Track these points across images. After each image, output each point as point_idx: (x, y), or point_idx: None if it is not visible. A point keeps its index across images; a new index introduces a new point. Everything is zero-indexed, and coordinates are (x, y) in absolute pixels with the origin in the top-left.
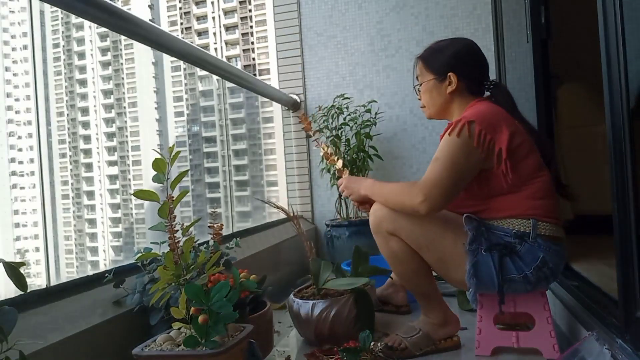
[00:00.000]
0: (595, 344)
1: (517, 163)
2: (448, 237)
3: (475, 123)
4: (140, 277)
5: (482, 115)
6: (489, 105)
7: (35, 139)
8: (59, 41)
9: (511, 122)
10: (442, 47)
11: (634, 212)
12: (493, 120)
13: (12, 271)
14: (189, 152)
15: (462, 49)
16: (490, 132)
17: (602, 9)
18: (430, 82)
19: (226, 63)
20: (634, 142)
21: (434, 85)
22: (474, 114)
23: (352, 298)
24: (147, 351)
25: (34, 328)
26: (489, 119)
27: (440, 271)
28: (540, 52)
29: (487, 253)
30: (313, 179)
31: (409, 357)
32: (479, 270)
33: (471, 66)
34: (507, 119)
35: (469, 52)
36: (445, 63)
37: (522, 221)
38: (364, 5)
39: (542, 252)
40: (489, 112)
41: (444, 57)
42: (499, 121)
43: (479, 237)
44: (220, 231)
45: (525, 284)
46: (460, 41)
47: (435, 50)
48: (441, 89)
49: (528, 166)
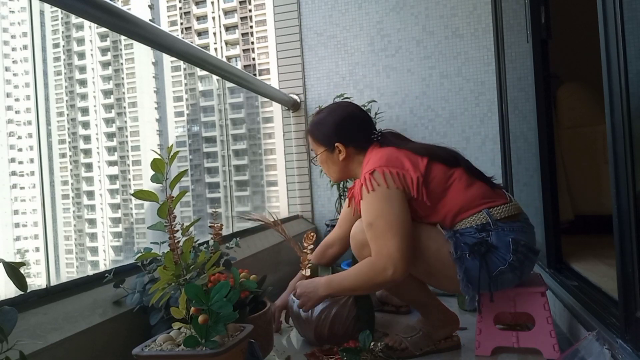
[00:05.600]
0: (595, 344)
1: (427, 178)
2: (432, 246)
3: (376, 170)
4: (140, 277)
5: (378, 161)
6: (379, 150)
7: (35, 139)
8: (59, 41)
9: (404, 152)
10: (322, 119)
11: (634, 212)
12: (390, 159)
13: (12, 271)
14: (188, 152)
15: (340, 120)
16: (393, 167)
17: (602, 9)
18: (323, 154)
19: (226, 63)
20: (633, 142)
21: (327, 156)
22: (371, 165)
23: (352, 298)
24: (147, 351)
25: (34, 328)
26: (386, 159)
27: (432, 284)
28: (540, 52)
29: (472, 256)
30: (313, 179)
31: (409, 357)
32: (470, 275)
33: (353, 132)
34: (399, 152)
35: (347, 119)
36: (330, 134)
37: (476, 216)
38: (364, 5)
39: (510, 234)
40: (382, 155)
41: (327, 129)
42: (396, 157)
43: (458, 243)
44: (220, 231)
45: (513, 271)
46: (337, 110)
47: (318, 123)
48: (334, 157)
49: (437, 174)
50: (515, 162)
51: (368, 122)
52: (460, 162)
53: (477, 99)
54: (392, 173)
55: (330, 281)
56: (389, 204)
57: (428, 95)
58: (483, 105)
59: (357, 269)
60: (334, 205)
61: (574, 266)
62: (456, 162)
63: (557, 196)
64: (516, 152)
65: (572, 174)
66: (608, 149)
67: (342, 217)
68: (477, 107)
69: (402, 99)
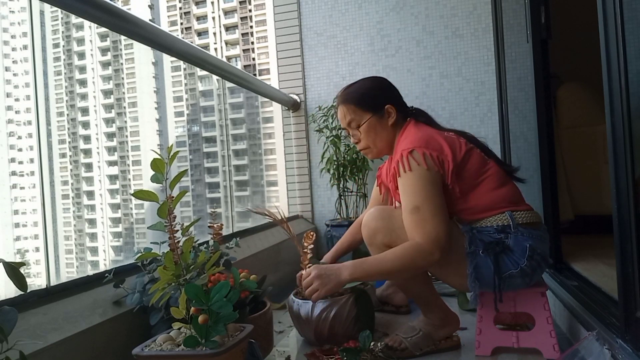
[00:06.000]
0: (595, 344)
1: (462, 169)
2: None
3: (415, 150)
4: (140, 277)
5: (417, 141)
6: (417, 129)
7: (35, 139)
8: (59, 41)
9: (442, 136)
10: (363, 86)
11: (634, 212)
12: (430, 140)
13: (12, 271)
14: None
15: (384, 83)
16: (433, 150)
17: (602, 9)
18: (372, 120)
19: (226, 63)
20: (633, 142)
21: (376, 122)
22: (408, 143)
23: (352, 298)
24: (147, 351)
25: (34, 328)
26: (425, 141)
27: (440, 277)
28: (540, 52)
29: (485, 254)
30: (313, 179)
31: (409, 357)
32: (479, 272)
33: (398, 97)
34: (438, 134)
35: (389, 84)
36: (378, 97)
37: (499, 216)
38: (364, 5)
39: (528, 241)
40: (422, 135)
41: (374, 92)
42: (435, 139)
43: (474, 239)
44: (220, 231)
45: (523, 277)
46: (374, 78)
47: (359, 90)
48: (383, 123)
49: (473, 166)
50: (515, 162)
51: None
52: (491, 155)
53: (477, 99)
54: (433, 156)
55: (361, 263)
56: (433, 186)
57: (428, 95)
58: (483, 105)
59: (399, 252)
60: (334, 205)
61: (574, 266)
62: (489, 154)
63: (557, 196)
64: (516, 152)
65: (572, 174)
66: (608, 149)
67: (374, 196)
68: (477, 107)
69: None
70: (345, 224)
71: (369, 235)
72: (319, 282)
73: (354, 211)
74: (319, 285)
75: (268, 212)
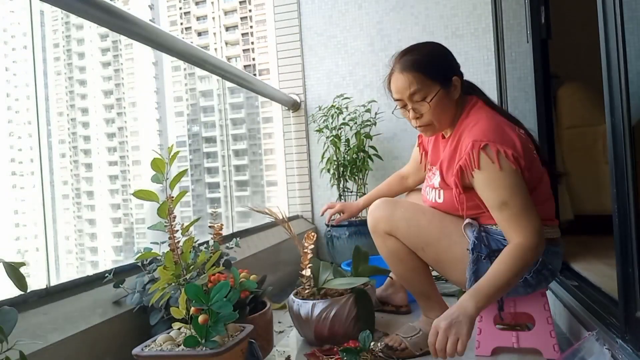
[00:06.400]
0: (595, 344)
1: (529, 168)
2: (443, 242)
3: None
4: (140, 277)
5: (489, 133)
6: (485, 111)
7: (35, 139)
8: (59, 41)
9: (513, 128)
10: (431, 51)
11: (634, 212)
12: (504, 136)
13: (12, 271)
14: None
15: (448, 51)
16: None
17: (602, 9)
18: (441, 93)
19: (226, 63)
20: (634, 142)
21: (444, 96)
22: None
23: (352, 298)
24: (147, 351)
25: (34, 328)
26: (501, 136)
27: (439, 270)
28: (540, 52)
29: (487, 260)
30: (313, 179)
31: (409, 357)
32: (479, 277)
33: (459, 67)
34: (509, 127)
35: (451, 54)
36: (447, 67)
37: None
38: (364, 5)
39: (542, 255)
40: (492, 126)
41: (443, 61)
42: (507, 134)
43: (479, 244)
44: (220, 231)
45: (525, 287)
46: (438, 44)
47: (428, 56)
48: (450, 96)
49: (535, 171)
50: None
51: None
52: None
53: None
54: (507, 154)
55: (477, 292)
56: (517, 181)
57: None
58: None
59: (508, 261)
60: None
61: (574, 266)
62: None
63: (557, 196)
64: None
65: (572, 174)
66: (608, 149)
67: (414, 156)
68: None
69: None
70: (345, 224)
71: (373, 223)
72: (455, 330)
73: None
74: (456, 334)
75: (269, 211)
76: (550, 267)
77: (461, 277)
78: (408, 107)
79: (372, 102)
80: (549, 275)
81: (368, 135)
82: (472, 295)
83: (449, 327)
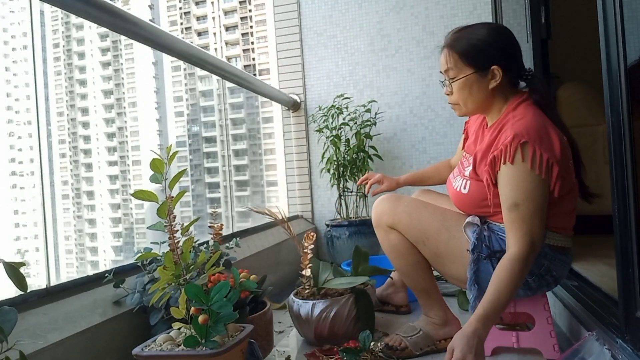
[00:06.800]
0: (595, 344)
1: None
2: (442, 235)
3: (528, 144)
4: (140, 277)
5: (532, 131)
6: (534, 110)
7: (35, 139)
8: (59, 41)
9: (558, 133)
10: (476, 34)
11: (634, 212)
12: (545, 137)
13: (12, 271)
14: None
15: (500, 37)
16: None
17: (602, 9)
18: (470, 77)
19: (226, 63)
20: (634, 142)
21: (475, 81)
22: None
23: (352, 298)
24: (147, 351)
25: (34, 328)
26: (542, 137)
27: (437, 266)
28: (540, 52)
29: (488, 261)
30: (313, 179)
31: (409, 357)
32: (479, 277)
33: (514, 57)
34: (552, 130)
35: (510, 42)
36: (488, 55)
37: None
38: (364, 5)
39: (547, 261)
40: (539, 124)
41: (483, 46)
42: (549, 135)
43: (479, 244)
44: (220, 231)
45: (525, 290)
46: (492, 26)
47: (469, 38)
48: (482, 84)
49: (567, 184)
50: None
51: (521, 50)
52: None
53: None
54: (543, 158)
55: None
56: (537, 185)
57: (428, 95)
58: None
59: (504, 276)
60: (334, 205)
61: (574, 266)
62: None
63: None
64: None
65: None
66: (608, 149)
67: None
68: None
69: (402, 99)
70: (345, 224)
71: (376, 216)
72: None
73: (354, 211)
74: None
75: (269, 211)
76: (554, 274)
77: (459, 273)
78: (444, 81)
79: (372, 102)
80: (551, 282)
81: (368, 135)
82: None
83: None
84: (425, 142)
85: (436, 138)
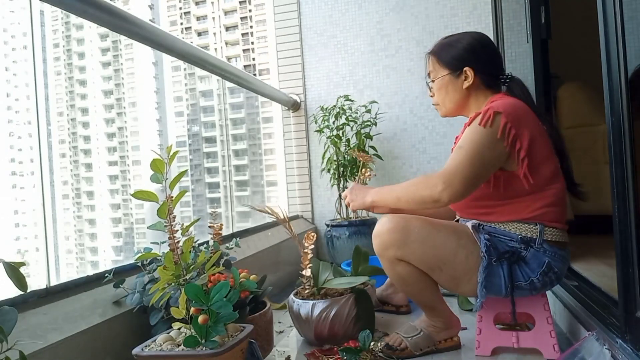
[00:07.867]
0: (595, 344)
1: (537, 165)
2: (460, 255)
3: (501, 115)
4: (140, 277)
5: (509, 108)
6: (515, 99)
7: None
8: (59, 41)
9: (535, 121)
10: (454, 41)
11: (634, 212)
12: (520, 115)
13: (12, 271)
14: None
15: (475, 42)
16: (515, 126)
17: (602, 9)
18: (445, 78)
19: (226, 63)
20: (634, 142)
21: (449, 81)
22: (501, 105)
23: (352, 298)
24: (147, 351)
25: (34, 328)
26: (516, 113)
27: (451, 287)
28: (540, 52)
29: (497, 263)
30: (313, 179)
31: (408, 357)
32: (489, 281)
33: (486, 60)
34: (532, 116)
35: (482, 45)
36: (459, 57)
37: (528, 226)
38: (364, 5)
39: (548, 258)
40: (517, 106)
41: (457, 51)
42: (525, 117)
43: (489, 247)
44: (220, 231)
45: (531, 289)
46: (472, 34)
47: (447, 44)
48: (457, 84)
49: (546, 171)
50: None
51: (500, 57)
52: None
53: None
54: (511, 132)
55: (380, 189)
56: (489, 146)
57: (428, 95)
58: None
59: (410, 181)
60: (334, 205)
61: (574, 266)
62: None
63: None
64: None
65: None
66: (608, 149)
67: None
68: None
69: (402, 99)
70: (345, 224)
71: (381, 247)
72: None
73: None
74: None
75: (271, 210)
76: (556, 270)
77: (474, 288)
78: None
79: (373, 102)
80: (554, 279)
81: (368, 135)
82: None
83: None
84: (425, 142)
85: (436, 138)
